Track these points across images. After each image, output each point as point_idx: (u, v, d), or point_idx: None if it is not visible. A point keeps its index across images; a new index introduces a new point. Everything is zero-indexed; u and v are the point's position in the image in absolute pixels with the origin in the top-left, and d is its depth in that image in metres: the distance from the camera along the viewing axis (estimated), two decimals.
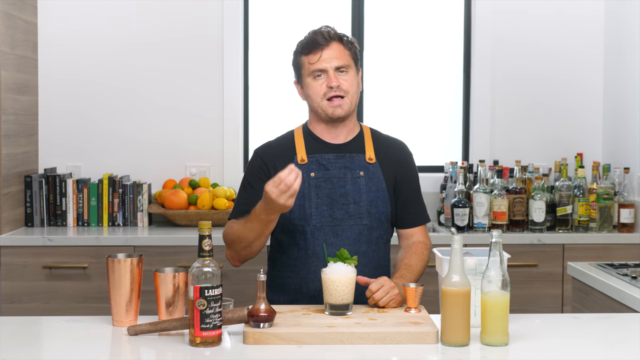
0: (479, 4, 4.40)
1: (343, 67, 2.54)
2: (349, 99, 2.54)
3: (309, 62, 2.54)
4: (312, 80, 2.55)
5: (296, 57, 2.60)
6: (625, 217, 3.97)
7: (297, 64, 2.60)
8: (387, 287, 2.32)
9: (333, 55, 2.53)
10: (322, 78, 2.54)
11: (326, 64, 2.52)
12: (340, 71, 2.54)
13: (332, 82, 2.51)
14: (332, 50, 2.53)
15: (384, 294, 2.31)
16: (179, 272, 2.21)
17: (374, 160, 2.61)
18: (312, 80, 2.55)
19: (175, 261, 3.71)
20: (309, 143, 2.62)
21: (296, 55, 2.60)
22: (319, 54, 2.53)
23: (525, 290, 3.83)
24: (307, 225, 2.54)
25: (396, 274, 2.50)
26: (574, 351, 2.03)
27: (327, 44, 2.53)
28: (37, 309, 3.70)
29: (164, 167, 4.33)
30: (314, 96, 2.55)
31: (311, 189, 2.56)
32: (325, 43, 2.53)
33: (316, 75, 2.54)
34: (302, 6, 4.50)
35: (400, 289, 2.34)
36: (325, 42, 2.53)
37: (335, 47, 2.54)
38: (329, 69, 2.53)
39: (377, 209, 2.57)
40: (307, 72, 2.56)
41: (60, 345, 2.09)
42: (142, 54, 4.32)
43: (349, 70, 2.55)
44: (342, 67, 2.54)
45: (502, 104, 4.44)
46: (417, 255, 2.57)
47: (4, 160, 3.80)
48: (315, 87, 2.54)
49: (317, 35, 2.55)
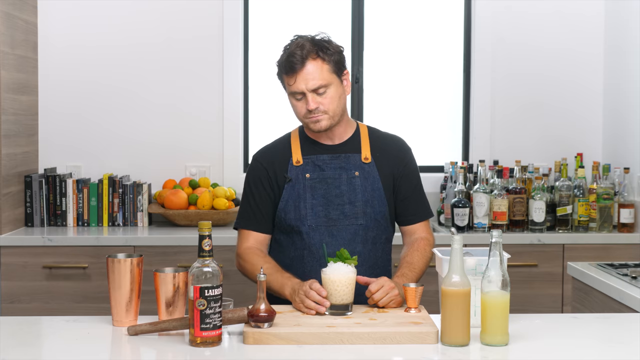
0: (479, 4, 4.40)
1: (320, 88, 2.48)
2: (329, 115, 2.52)
3: (288, 83, 2.51)
4: (293, 99, 2.53)
5: (279, 74, 2.56)
6: (625, 217, 3.97)
7: (282, 81, 2.57)
8: (387, 288, 2.32)
9: (308, 78, 2.46)
10: (301, 100, 2.51)
11: (303, 86, 2.47)
12: (318, 93, 2.49)
13: (310, 105, 2.48)
14: (307, 72, 2.46)
15: (384, 295, 2.31)
16: (179, 272, 2.21)
17: (370, 160, 2.61)
18: (293, 100, 2.53)
19: (175, 261, 3.71)
20: (304, 144, 2.63)
21: (278, 72, 2.56)
22: (294, 77, 2.48)
23: (525, 290, 3.83)
24: (302, 226, 2.55)
25: (398, 272, 2.50)
26: (574, 351, 2.04)
27: (301, 66, 2.46)
28: (37, 309, 3.70)
29: (164, 167, 4.33)
30: (296, 114, 2.56)
31: (306, 189, 2.57)
32: (300, 65, 2.46)
33: (296, 97, 2.51)
34: (302, 7, 4.50)
35: (401, 289, 2.34)
36: (299, 63, 2.46)
37: (310, 66, 2.47)
38: (306, 91, 2.48)
39: (372, 209, 2.57)
40: (288, 91, 2.54)
41: (60, 345, 2.09)
42: (142, 54, 4.32)
43: (328, 88, 2.50)
44: (319, 87, 2.48)
45: (502, 104, 4.44)
46: (419, 252, 2.57)
47: (4, 160, 3.80)
48: (296, 106, 2.53)
49: (290, 56, 2.47)
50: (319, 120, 2.51)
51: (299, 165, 2.59)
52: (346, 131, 2.63)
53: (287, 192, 2.58)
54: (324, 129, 2.53)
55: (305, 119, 2.53)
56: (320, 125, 2.52)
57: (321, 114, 2.50)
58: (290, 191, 2.58)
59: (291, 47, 2.50)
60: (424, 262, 2.56)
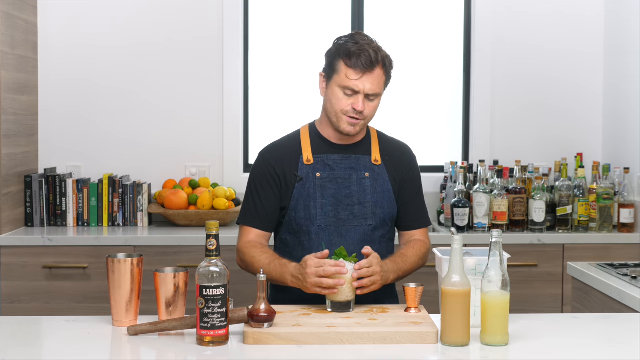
0: (479, 4, 4.40)
1: (374, 95, 2.51)
2: (364, 122, 2.53)
3: (347, 76, 2.47)
4: (340, 91, 2.50)
5: (335, 56, 2.51)
6: (625, 217, 3.97)
7: (333, 65, 2.51)
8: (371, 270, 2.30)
9: (371, 81, 2.47)
10: (351, 96, 2.49)
11: (362, 87, 2.47)
12: (369, 98, 2.51)
13: (359, 106, 2.48)
14: (375, 76, 2.48)
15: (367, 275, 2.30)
16: (179, 272, 2.21)
17: (380, 162, 2.61)
18: (340, 92, 2.50)
19: (175, 261, 3.71)
20: (315, 143, 2.62)
21: (337, 53, 2.50)
22: (360, 75, 2.47)
23: (525, 290, 3.83)
24: (312, 226, 2.55)
25: (390, 257, 2.51)
26: (574, 351, 2.04)
27: (372, 69, 2.47)
28: (37, 309, 3.70)
29: (164, 167, 4.33)
30: (335, 106, 2.51)
31: (316, 189, 2.56)
32: (371, 68, 2.47)
33: (347, 92, 2.49)
34: (302, 7, 4.50)
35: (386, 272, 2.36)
36: (370, 65, 2.46)
37: (377, 73, 2.48)
38: (361, 93, 2.48)
39: (382, 210, 2.58)
40: (339, 81, 2.49)
41: (60, 345, 2.09)
42: (142, 54, 4.32)
43: (377, 99, 2.52)
44: (374, 95, 2.50)
45: (502, 104, 4.44)
46: (414, 249, 2.58)
47: (4, 160, 3.80)
48: (340, 100, 2.50)
49: (365, 53, 2.46)
50: (356, 124, 2.51)
51: (310, 164, 2.58)
52: (359, 134, 2.63)
53: (298, 191, 2.56)
54: (353, 133, 2.54)
55: (344, 116, 2.51)
56: (353, 129, 2.52)
57: (361, 119, 2.51)
58: (300, 190, 2.56)
59: (362, 42, 2.48)
60: (416, 258, 2.56)
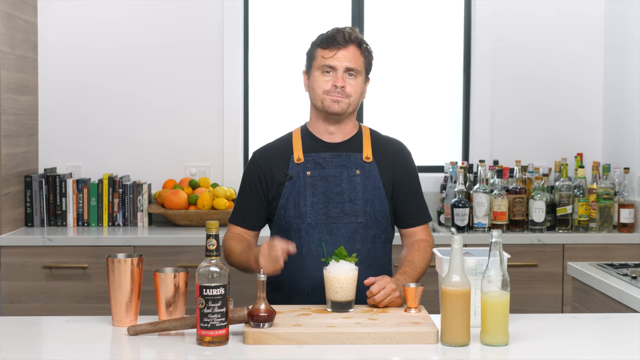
0: (479, 5, 4.40)
1: (353, 71, 2.55)
2: (348, 101, 2.56)
3: (323, 56, 2.56)
4: (320, 74, 2.57)
5: (312, 48, 2.62)
6: (625, 217, 3.97)
7: (311, 55, 2.62)
8: (388, 290, 2.32)
9: (347, 57, 2.55)
10: (330, 75, 2.55)
11: (338, 63, 2.54)
12: (349, 74, 2.55)
13: (339, 81, 2.53)
14: (348, 52, 2.55)
15: (384, 297, 2.32)
16: (179, 272, 2.21)
17: (371, 159, 2.62)
18: (319, 74, 2.57)
19: (175, 261, 3.71)
20: (306, 142, 2.64)
21: (313, 46, 2.62)
22: (334, 51, 2.55)
23: (525, 290, 3.83)
24: (302, 224, 2.56)
25: (399, 270, 2.51)
26: (574, 351, 2.04)
27: (345, 45, 2.55)
28: (37, 309, 3.70)
29: (164, 167, 4.33)
30: (317, 89, 2.57)
31: (307, 187, 2.58)
32: (344, 43, 2.55)
33: (325, 70, 2.56)
34: (302, 8, 4.50)
35: (402, 288, 2.35)
36: (344, 42, 2.55)
37: (352, 50, 2.56)
38: (339, 69, 2.54)
39: (373, 208, 2.58)
40: (317, 65, 2.57)
41: (60, 345, 2.09)
42: (143, 54, 4.32)
43: (358, 76, 2.57)
44: (353, 70, 2.55)
45: (502, 104, 4.44)
46: (420, 252, 2.59)
47: (4, 160, 3.80)
48: (320, 81, 2.56)
49: (338, 33, 2.56)
50: (339, 100, 2.55)
51: (300, 162, 2.60)
52: (350, 131, 2.65)
53: (288, 189, 2.59)
54: (338, 111, 2.56)
55: (326, 96, 2.55)
56: (338, 106, 2.55)
57: (344, 96, 2.54)
58: (290, 189, 2.58)
59: (338, 28, 2.59)
60: (424, 262, 2.58)
